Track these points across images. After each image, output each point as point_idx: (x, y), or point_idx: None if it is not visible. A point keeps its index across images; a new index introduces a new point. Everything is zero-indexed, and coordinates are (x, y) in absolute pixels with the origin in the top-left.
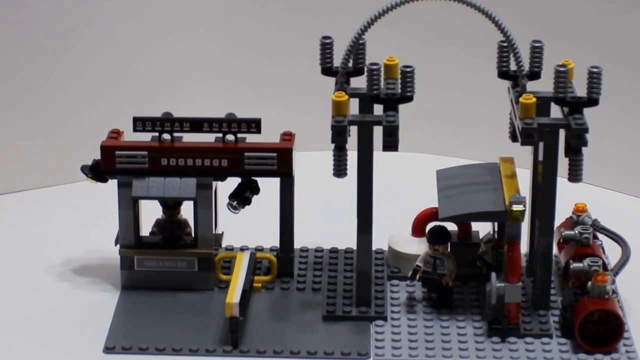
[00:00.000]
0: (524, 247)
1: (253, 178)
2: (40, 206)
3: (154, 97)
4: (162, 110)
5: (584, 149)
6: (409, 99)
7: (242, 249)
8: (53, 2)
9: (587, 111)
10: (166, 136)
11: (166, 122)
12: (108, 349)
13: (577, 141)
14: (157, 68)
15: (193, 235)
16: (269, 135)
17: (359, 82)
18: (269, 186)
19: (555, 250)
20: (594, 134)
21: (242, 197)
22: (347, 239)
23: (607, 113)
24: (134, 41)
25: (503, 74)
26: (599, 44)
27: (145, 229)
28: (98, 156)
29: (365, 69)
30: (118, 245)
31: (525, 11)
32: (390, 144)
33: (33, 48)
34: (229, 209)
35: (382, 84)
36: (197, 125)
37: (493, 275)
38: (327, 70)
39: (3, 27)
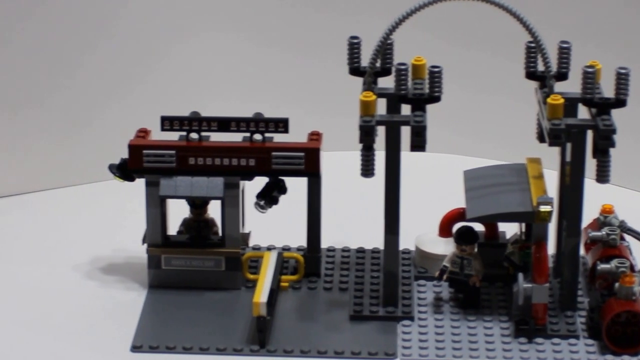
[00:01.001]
0: (551, 248)
1: (280, 178)
2: (67, 205)
3: (182, 96)
4: (190, 109)
5: (611, 150)
6: (437, 99)
7: (269, 249)
8: (80, 0)
9: (614, 112)
10: (194, 135)
11: (194, 122)
12: (135, 348)
13: (604, 142)
14: (185, 67)
15: (220, 235)
16: (297, 135)
17: (387, 82)
18: (296, 186)
19: (582, 251)
20: (621, 135)
21: (269, 197)
22: (374, 239)
23: (635, 114)
24: (162, 40)
25: (531, 74)
26: (627, 45)
27: (173, 228)
28: (126, 155)
29: (393, 69)
30: (145, 244)
31: (553, 12)
32: (418, 144)
33: (60, 46)
34: (256, 208)
35: (409, 84)
36: (224, 124)
37: (520, 276)
38: (355, 70)
39: (30, 26)
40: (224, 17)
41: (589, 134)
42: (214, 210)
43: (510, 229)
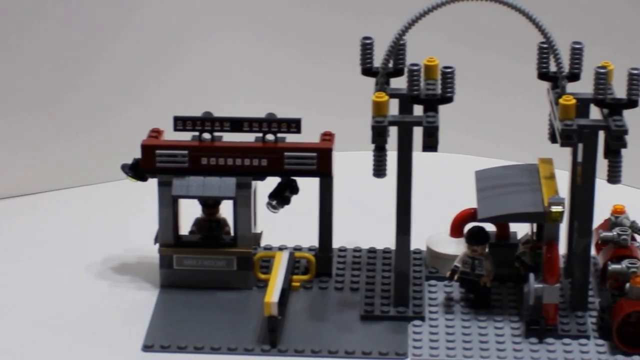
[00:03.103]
0: (563, 248)
1: (292, 178)
2: (80, 204)
3: (195, 96)
4: (203, 109)
5: (623, 151)
6: (449, 99)
7: (280, 249)
8: (94, 1)
9: (626, 113)
10: (206, 136)
11: (206, 122)
12: (147, 347)
13: (616, 143)
14: (197, 67)
15: (232, 235)
16: (309, 135)
17: (399, 83)
18: (308, 186)
19: (593, 251)
20: (633, 135)
21: (281, 197)
22: (386, 239)
23: None
24: (175, 40)
25: (543, 75)
26: (639, 45)
27: (185, 228)
28: (138, 155)
29: (406, 69)
30: (157, 244)
31: (565, 12)
32: (430, 144)
33: (73, 46)
34: (268, 208)
35: (422, 84)
36: (237, 124)
37: (531, 276)
38: (368, 70)
39: (44, 26)
40: (237, 17)
41: (601, 135)
42: (226, 210)
43: (521, 229)
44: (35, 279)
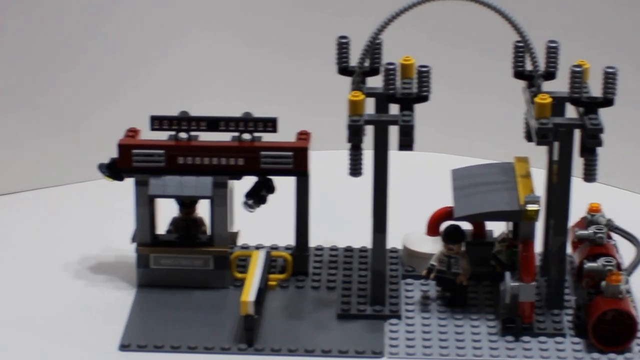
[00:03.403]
0: (539, 246)
1: (269, 177)
2: (57, 204)
3: (171, 96)
4: (179, 109)
5: (599, 149)
6: (425, 98)
7: (257, 248)
8: (71, 1)
9: (602, 111)
10: (183, 135)
11: (183, 121)
12: (124, 347)
13: (592, 141)
14: (174, 67)
15: (209, 234)
16: (285, 134)
17: (375, 82)
18: (285, 185)
19: (569, 249)
20: (609, 134)
21: (257, 196)
22: (362, 238)
23: (622, 113)
24: (151, 40)
25: (519, 74)
26: (614, 44)
27: (162, 227)
28: (115, 154)
29: (382, 68)
30: (134, 244)
31: (541, 11)
32: (406, 143)
33: (50, 46)
34: (244, 207)
35: (398, 83)
36: (213, 124)
37: (507, 274)
38: (344, 69)
39: (21, 26)
40: (214, 17)
41: (577, 133)
42: (203, 209)
43: (497, 228)
44: (12, 279)
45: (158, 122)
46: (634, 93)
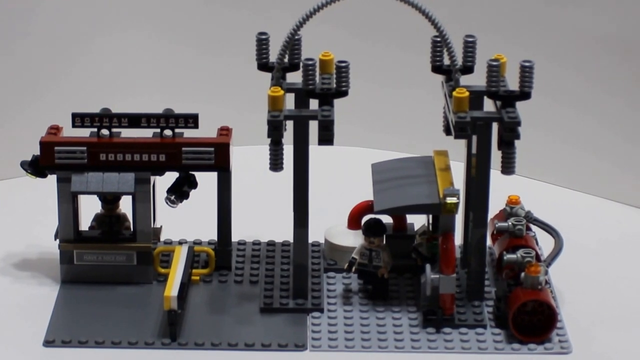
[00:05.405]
0: (459, 239)
1: (191, 172)
2: None
3: (93, 93)
4: (101, 106)
5: (516, 142)
6: (344, 93)
7: (180, 243)
8: None
9: (519, 105)
10: (105, 132)
11: (105, 118)
12: (48, 343)
13: (509, 134)
14: (95, 65)
15: (132, 230)
16: (206, 130)
17: (295, 78)
18: (207, 180)
19: (489, 241)
20: (526, 127)
21: (179, 192)
22: (284, 232)
23: (539, 106)
24: (72, 38)
25: (437, 68)
26: (531, 38)
27: (85, 224)
28: (37, 152)
29: (301, 64)
30: (58, 240)
31: (458, 6)
32: (326, 138)
33: None
34: (167, 203)
35: (317, 79)
36: (135, 120)
37: (428, 267)
38: (263, 65)
39: None
40: (134, 15)
41: (495, 127)
42: (126, 205)
43: (418, 221)
44: None
45: (80, 119)
46: (551, 86)
